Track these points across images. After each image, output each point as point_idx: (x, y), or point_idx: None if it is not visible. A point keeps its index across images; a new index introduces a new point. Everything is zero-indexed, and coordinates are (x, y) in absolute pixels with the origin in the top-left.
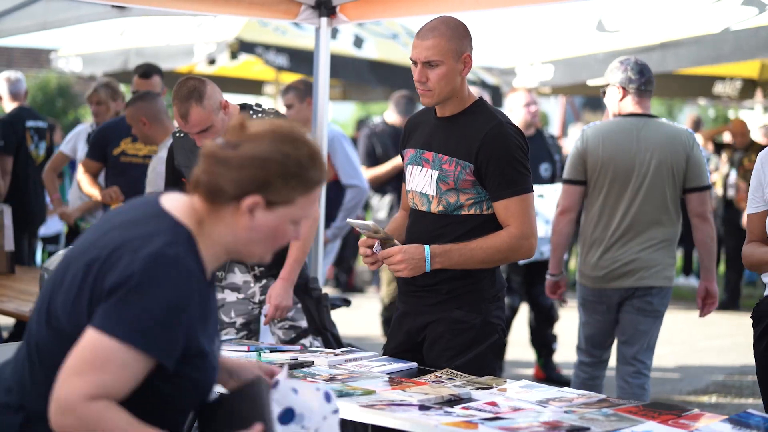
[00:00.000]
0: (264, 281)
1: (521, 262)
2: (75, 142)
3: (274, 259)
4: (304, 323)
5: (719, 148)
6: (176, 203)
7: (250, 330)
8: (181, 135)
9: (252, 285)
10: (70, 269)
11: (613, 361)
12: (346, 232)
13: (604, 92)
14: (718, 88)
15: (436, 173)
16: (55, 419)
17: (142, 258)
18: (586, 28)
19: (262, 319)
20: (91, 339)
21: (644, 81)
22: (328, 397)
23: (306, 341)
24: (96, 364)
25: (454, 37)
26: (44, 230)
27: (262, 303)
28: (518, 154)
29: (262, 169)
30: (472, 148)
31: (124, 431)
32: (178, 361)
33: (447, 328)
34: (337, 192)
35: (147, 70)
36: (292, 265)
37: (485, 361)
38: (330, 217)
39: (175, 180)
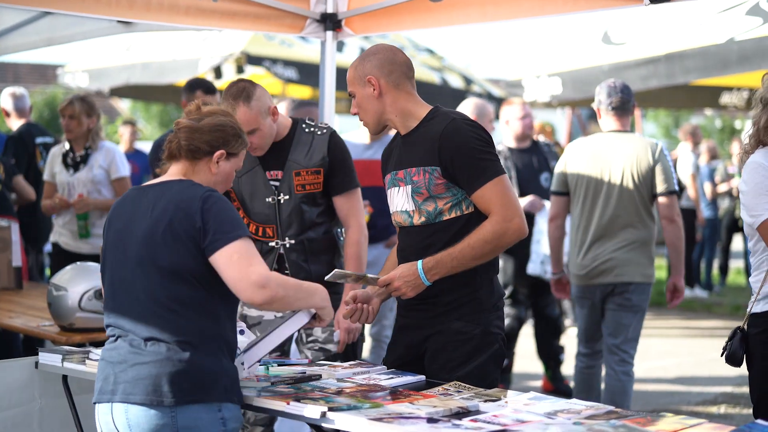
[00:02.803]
0: None
1: (530, 271)
2: (51, 167)
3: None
4: (333, 347)
5: None
6: (171, 176)
7: (282, 351)
8: None
9: None
10: (149, 238)
11: None
12: None
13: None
14: (725, 99)
15: (409, 188)
16: (258, 295)
17: (200, 197)
18: (592, 41)
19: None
20: (234, 248)
21: (619, 102)
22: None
23: None
24: (251, 253)
25: (358, 65)
26: (51, 246)
27: None
28: (477, 144)
29: (223, 132)
30: (433, 150)
31: (296, 284)
32: None
33: (448, 339)
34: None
35: (211, 86)
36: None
37: (487, 371)
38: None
39: None
